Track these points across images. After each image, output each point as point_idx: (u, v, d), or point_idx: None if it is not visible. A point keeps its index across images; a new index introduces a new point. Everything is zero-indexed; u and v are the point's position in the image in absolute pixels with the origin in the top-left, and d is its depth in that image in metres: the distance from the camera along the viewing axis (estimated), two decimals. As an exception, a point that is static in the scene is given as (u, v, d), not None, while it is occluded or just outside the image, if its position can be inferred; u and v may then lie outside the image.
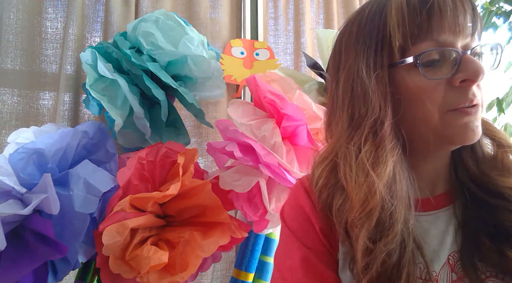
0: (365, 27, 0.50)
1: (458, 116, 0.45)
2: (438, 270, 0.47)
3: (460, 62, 0.45)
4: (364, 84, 0.48)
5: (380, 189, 0.44)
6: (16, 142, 0.87)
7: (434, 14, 0.45)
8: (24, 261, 0.77)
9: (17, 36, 1.18)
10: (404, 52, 0.47)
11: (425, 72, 0.45)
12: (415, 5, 0.45)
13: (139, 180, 0.93)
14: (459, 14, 0.45)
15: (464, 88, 0.45)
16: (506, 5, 1.89)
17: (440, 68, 0.46)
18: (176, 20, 1.06)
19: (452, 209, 0.50)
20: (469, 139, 0.46)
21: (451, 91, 0.45)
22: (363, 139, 0.47)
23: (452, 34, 0.45)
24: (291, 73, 1.14)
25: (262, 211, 0.94)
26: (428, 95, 0.46)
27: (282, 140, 0.92)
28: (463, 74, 0.44)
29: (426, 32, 0.45)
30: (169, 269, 0.85)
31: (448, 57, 0.46)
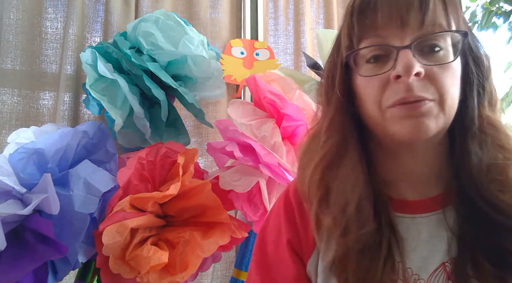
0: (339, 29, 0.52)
1: (398, 112, 0.43)
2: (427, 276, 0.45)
3: (396, 57, 0.43)
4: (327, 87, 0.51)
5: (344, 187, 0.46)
6: (16, 142, 0.87)
7: (373, 11, 0.45)
8: (24, 261, 0.77)
9: (17, 36, 1.18)
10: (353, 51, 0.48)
11: (364, 70, 0.46)
12: (357, 5, 0.46)
13: (139, 180, 0.93)
14: (400, 7, 0.43)
15: (398, 83, 0.43)
16: (506, 5, 1.89)
17: (384, 65, 0.45)
18: (176, 20, 1.06)
19: (442, 213, 0.47)
20: (412, 136, 0.43)
21: (389, 87, 0.44)
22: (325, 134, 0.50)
23: (395, 28, 0.44)
24: (291, 73, 1.14)
25: (262, 211, 0.94)
26: (367, 92, 0.46)
27: (282, 140, 0.92)
28: (396, 70, 0.43)
29: (368, 30, 0.45)
30: (169, 269, 0.85)
31: (389, 53, 0.45)
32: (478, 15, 1.99)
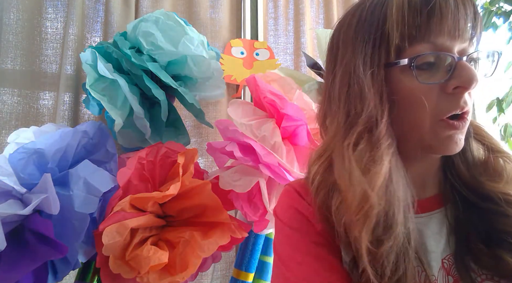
0: (364, 22, 0.48)
1: (446, 128, 0.45)
2: (437, 273, 0.46)
3: (454, 68, 0.44)
4: (360, 82, 0.47)
5: (377, 189, 0.42)
6: (16, 142, 0.87)
7: (434, 16, 0.43)
8: (24, 261, 0.77)
9: (17, 36, 1.18)
10: (400, 52, 0.46)
11: (418, 76, 0.44)
12: (416, 5, 0.44)
13: (139, 180, 0.93)
14: (460, 18, 0.44)
15: (456, 95, 0.44)
16: (506, 5, 1.89)
17: (435, 72, 0.45)
18: (176, 20, 1.06)
19: (444, 211, 0.50)
20: (451, 151, 0.46)
21: (444, 98, 0.44)
22: (359, 137, 0.46)
23: (451, 38, 0.44)
24: (291, 73, 1.14)
25: (262, 211, 0.94)
26: (420, 99, 0.45)
27: (282, 140, 0.92)
28: (456, 80, 0.43)
29: (424, 34, 0.44)
30: (169, 269, 0.85)
31: (444, 62, 0.45)
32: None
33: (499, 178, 0.48)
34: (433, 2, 0.43)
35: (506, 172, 0.48)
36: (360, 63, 0.47)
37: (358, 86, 0.47)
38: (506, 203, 0.45)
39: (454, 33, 0.44)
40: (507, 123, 1.74)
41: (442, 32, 0.44)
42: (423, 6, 0.44)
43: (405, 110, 0.46)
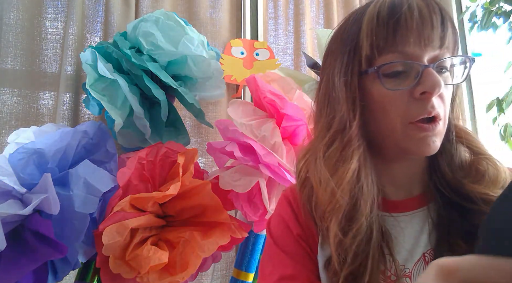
0: (344, 34, 0.53)
1: (417, 131, 0.47)
2: (411, 267, 0.49)
3: (421, 75, 0.46)
4: (336, 88, 0.52)
5: (344, 185, 0.47)
6: (16, 142, 0.87)
7: (399, 27, 0.47)
8: (24, 261, 0.77)
9: (17, 36, 1.18)
10: (371, 62, 0.49)
11: (386, 83, 0.48)
12: (383, 17, 0.47)
13: (139, 180, 0.93)
14: (425, 28, 0.46)
15: (423, 100, 0.47)
16: (506, 5, 1.89)
17: (404, 79, 0.48)
18: (176, 20, 1.06)
19: (427, 210, 0.53)
20: (425, 152, 0.48)
21: (412, 103, 0.47)
22: (332, 138, 0.51)
23: (418, 46, 0.47)
24: (291, 73, 1.14)
25: (262, 211, 0.94)
26: (390, 105, 0.48)
27: (282, 140, 0.92)
28: (422, 86, 0.46)
29: (392, 44, 0.47)
30: (169, 269, 0.85)
31: (410, 70, 0.48)
32: (478, 15, 1.99)
33: (480, 180, 0.50)
34: (398, 14, 0.47)
35: (488, 175, 0.50)
36: (337, 72, 0.52)
37: (335, 92, 0.52)
38: (483, 201, 0.48)
39: (421, 42, 0.47)
40: (507, 123, 1.75)
41: (408, 42, 0.47)
42: (390, 19, 0.47)
43: (379, 115, 0.50)
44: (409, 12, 0.46)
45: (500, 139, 1.78)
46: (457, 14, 1.57)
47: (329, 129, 0.52)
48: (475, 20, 2.05)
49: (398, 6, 0.47)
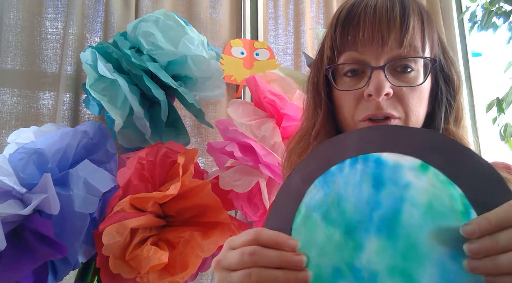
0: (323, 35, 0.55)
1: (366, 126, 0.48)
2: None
3: (370, 76, 0.47)
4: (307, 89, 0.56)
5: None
6: (16, 142, 0.87)
7: (353, 27, 0.48)
8: (24, 261, 0.77)
9: (17, 36, 1.18)
10: (331, 62, 0.51)
11: (339, 84, 0.50)
12: (341, 18, 0.49)
13: (139, 180, 0.93)
14: (382, 28, 0.46)
15: (370, 101, 0.47)
16: (506, 5, 1.89)
17: (360, 79, 0.49)
18: (176, 20, 1.06)
19: None
20: None
21: (362, 102, 0.48)
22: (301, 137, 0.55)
23: (371, 46, 0.47)
24: (291, 73, 1.14)
25: (262, 211, 0.94)
26: (343, 104, 0.50)
27: (282, 140, 0.92)
28: (368, 88, 0.47)
29: (347, 45, 0.48)
30: (169, 269, 0.85)
31: (363, 71, 0.49)
32: (478, 15, 1.99)
33: None
34: (354, 15, 0.48)
35: None
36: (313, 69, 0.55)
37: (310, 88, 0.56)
38: None
39: (377, 43, 0.47)
40: (507, 123, 1.74)
41: (364, 42, 0.47)
42: (346, 19, 0.49)
43: (337, 112, 0.52)
44: (364, 12, 0.47)
45: (500, 139, 1.78)
46: (457, 14, 1.57)
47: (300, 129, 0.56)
48: (475, 20, 2.05)
49: (356, 6, 0.48)
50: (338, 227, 0.35)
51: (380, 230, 0.33)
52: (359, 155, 0.36)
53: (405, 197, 0.33)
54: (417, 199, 0.32)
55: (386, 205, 0.33)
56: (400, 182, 0.34)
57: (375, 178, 0.35)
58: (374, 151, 0.36)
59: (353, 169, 0.36)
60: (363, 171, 0.35)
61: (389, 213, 0.33)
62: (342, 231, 0.35)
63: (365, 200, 0.35)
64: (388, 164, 0.35)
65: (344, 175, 0.36)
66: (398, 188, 0.34)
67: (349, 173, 0.36)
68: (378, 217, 0.34)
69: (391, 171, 0.34)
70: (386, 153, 0.35)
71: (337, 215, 0.35)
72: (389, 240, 0.32)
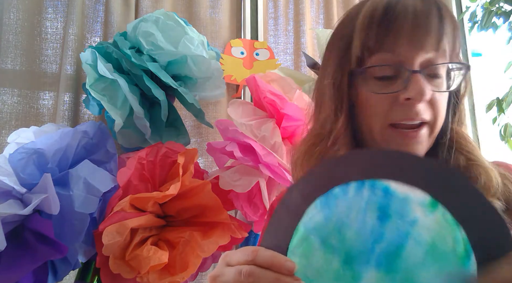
0: (338, 33, 0.52)
1: (396, 136, 0.47)
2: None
3: (408, 80, 0.45)
4: (324, 88, 0.51)
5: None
6: (16, 142, 0.87)
7: (392, 28, 0.45)
8: (24, 261, 0.77)
9: (17, 36, 1.18)
10: (361, 62, 0.48)
11: (372, 85, 0.47)
12: (377, 17, 0.46)
13: (139, 180, 0.93)
14: (419, 30, 0.45)
15: (407, 105, 0.46)
16: (506, 5, 1.89)
17: (393, 83, 0.46)
18: (176, 20, 1.06)
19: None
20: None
21: (396, 107, 0.46)
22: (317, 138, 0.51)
23: (410, 50, 0.45)
24: (291, 73, 1.14)
25: (262, 211, 0.94)
26: (374, 105, 0.47)
27: (282, 140, 0.92)
28: (407, 92, 0.45)
29: (382, 45, 0.46)
30: (169, 269, 0.85)
31: (399, 73, 0.46)
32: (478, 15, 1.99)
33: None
34: (392, 14, 0.45)
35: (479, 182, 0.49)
36: (328, 71, 0.51)
37: (324, 92, 0.52)
38: None
39: (413, 46, 0.45)
40: (507, 123, 1.74)
41: (400, 44, 0.45)
42: (383, 19, 0.46)
43: (362, 116, 0.49)
44: (404, 12, 0.45)
45: (500, 139, 1.78)
46: (457, 14, 1.57)
47: (317, 127, 0.53)
48: (475, 20, 2.05)
49: (393, 6, 0.45)
50: (337, 254, 0.34)
51: (380, 263, 0.33)
52: (366, 180, 0.35)
53: (411, 233, 0.32)
54: (422, 237, 0.32)
55: (390, 239, 0.33)
56: (407, 217, 0.33)
57: (381, 209, 0.34)
58: (382, 177, 0.34)
59: (358, 195, 0.35)
60: (369, 199, 0.34)
61: (392, 247, 0.33)
62: (341, 259, 0.34)
63: (369, 230, 0.34)
64: (397, 196, 0.34)
65: (348, 199, 0.35)
66: (405, 223, 0.33)
67: (353, 198, 0.35)
68: (380, 249, 0.33)
69: (399, 204, 0.33)
70: (395, 182, 0.34)
71: (337, 242, 0.34)
72: (387, 275, 0.32)
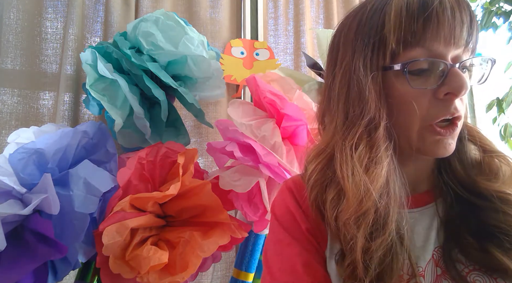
0: (364, 25, 0.49)
1: (434, 134, 0.47)
2: (424, 265, 0.48)
3: (446, 74, 0.45)
4: (360, 83, 0.48)
5: (376, 190, 0.45)
6: (16, 142, 0.87)
7: (430, 22, 0.45)
8: (24, 261, 0.77)
9: (17, 36, 1.18)
10: (395, 57, 0.47)
11: (411, 80, 0.46)
12: (413, 11, 0.45)
13: (139, 180, 0.93)
14: (456, 25, 0.45)
15: (447, 100, 0.46)
16: (506, 5, 1.89)
17: (428, 78, 0.46)
18: (176, 20, 1.06)
19: (434, 207, 0.52)
20: (440, 154, 0.48)
21: (435, 103, 0.46)
22: (358, 138, 0.48)
23: (445, 44, 0.45)
24: (291, 73, 1.14)
25: (262, 211, 0.94)
26: (414, 103, 0.46)
27: (282, 140, 0.92)
28: (447, 87, 0.45)
29: (419, 39, 0.45)
30: (169, 269, 0.85)
31: (436, 68, 0.46)
32: (478, 15, 1.99)
33: (495, 178, 0.49)
34: (430, 8, 0.45)
35: (502, 172, 0.49)
36: (360, 65, 0.48)
37: (358, 87, 0.48)
38: (499, 200, 0.47)
39: (450, 40, 0.45)
40: (507, 123, 1.74)
41: (438, 38, 0.45)
42: (420, 13, 0.45)
43: (398, 113, 0.48)
44: (441, 8, 0.45)
45: (500, 139, 1.78)
46: (457, 14, 1.57)
47: (351, 128, 0.48)
48: (475, 20, 2.05)
49: (429, 0, 0.45)
50: None
51: None
52: None
53: None
54: None
55: None
56: None
57: None
58: None
59: None
60: None
61: None
62: None
63: None
64: None
65: None
66: None
67: None
68: None
69: None
70: None
71: None
72: None
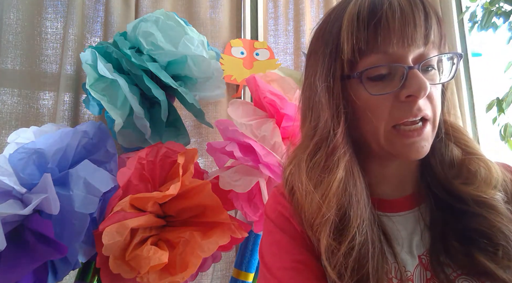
0: (323, 35, 0.50)
1: (402, 137, 0.46)
2: (412, 270, 0.47)
3: (406, 77, 0.44)
4: (317, 94, 0.49)
5: (331, 196, 0.45)
6: (16, 142, 0.87)
7: (381, 27, 0.44)
8: (24, 261, 0.77)
9: (17, 36, 1.18)
10: (353, 65, 0.47)
11: (371, 87, 0.46)
12: (364, 18, 0.45)
13: (139, 180, 0.93)
14: (408, 26, 0.44)
15: (409, 102, 0.45)
16: (506, 5, 1.89)
17: (389, 82, 0.46)
18: (176, 20, 1.06)
19: (418, 210, 0.51)
20: (413, 157, 0.47)
21: (397, 105, 0.45)
22: (316, 147, 0.49)
23: (402, 47, 0.44)
24: (291, 73, 1.14)
25: (262, 211, 0.94)
26: (374, 109, 0.46)
27: (282, 140, 0.92)
28: (407, 90, 0.44)
29: (373, 46, 0.45)
30: (169, 269, 0.85)
31: (395, 72, 0.46)
32: (478, 15, 1.99)
33: (472, 180, 0.48)
34: (379, 13, 0.44)
35: (480, 175, 0.48)
36: (319, 75, 0.49)
37: (317, 97, 0.50)
38: (476, 203, 0.47)
39: (404, 42, 0.44)
40: (507, 123, 1.75)
41: (391, 42, 0.44)
42: (370, 19, 0.45)
43: (361, 120, 0.48)
44: (390, 10, 0.44)
45: (500, 139, 1.78)
46: (457, 14, 1.57)
47: (312, 137, 0.50)
48: (475, 20, 2.05)
49: (379, 4, 0.45)
50: None
51: None
52: None
53: None
54: None
55: None
56: None
57: None
58: None
59: None
60: None
61: None
62: None
63: None
64: None
65: None
66: None
67: None
68: None
69: None
70: None
71: None
72: None
